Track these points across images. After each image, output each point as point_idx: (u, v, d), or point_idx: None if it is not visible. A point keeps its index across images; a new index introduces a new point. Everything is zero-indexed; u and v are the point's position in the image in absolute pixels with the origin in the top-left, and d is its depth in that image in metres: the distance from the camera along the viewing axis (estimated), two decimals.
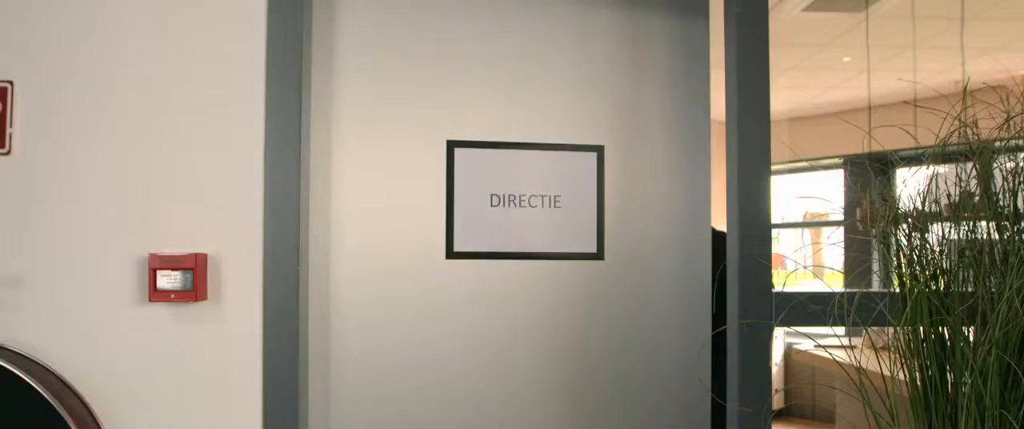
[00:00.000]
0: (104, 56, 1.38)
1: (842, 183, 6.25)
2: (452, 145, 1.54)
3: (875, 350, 1.08)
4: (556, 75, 1.60)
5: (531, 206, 1.57)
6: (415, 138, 1.54)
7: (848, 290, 1.07)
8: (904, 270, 1.07)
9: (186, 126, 1.39)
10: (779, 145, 1.46)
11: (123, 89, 1.38)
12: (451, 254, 1.53)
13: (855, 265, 1.32)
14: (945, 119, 1.09)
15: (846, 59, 4.82)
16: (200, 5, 1.40)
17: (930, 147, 1.10)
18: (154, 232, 1.36)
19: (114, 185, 1.37)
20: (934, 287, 0.98)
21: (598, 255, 1.58)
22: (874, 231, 1.13)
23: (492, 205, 1.55)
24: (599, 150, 1.60)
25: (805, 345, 4.02)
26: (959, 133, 1.10)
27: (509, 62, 1.58)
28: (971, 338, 1.01)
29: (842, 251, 1.45)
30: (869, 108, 3.79)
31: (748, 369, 1.41)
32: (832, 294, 1.15)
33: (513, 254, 1.55)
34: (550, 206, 1.58)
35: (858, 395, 1.08)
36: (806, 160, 6.15)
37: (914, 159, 1.11)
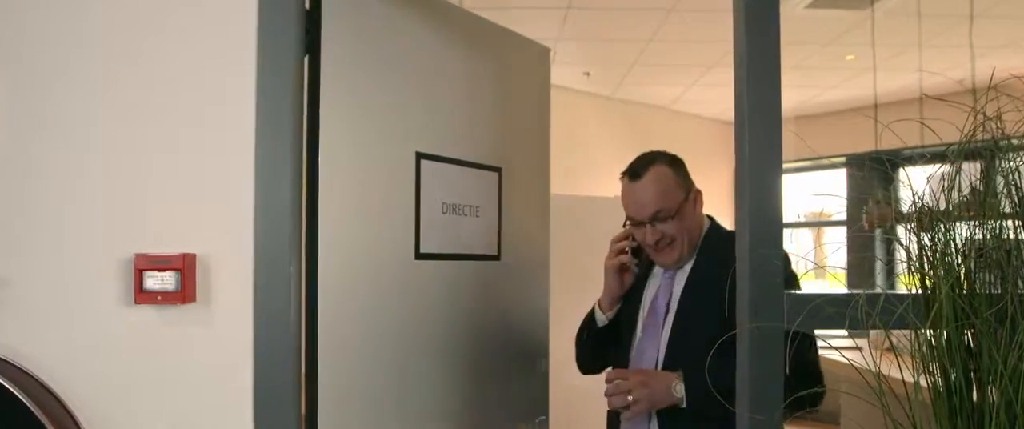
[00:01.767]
0: (92, 53, 1.32)
1: (845, 183, 6.21)
2: (420, 156, 1.71)
3: (897, 355, 1.03)
4: (476, 105, 1.90)
5: (463, 214, 1.82)
6: (392, 147, 1.67)
7: (870, 292, 1.02)
8: (927, 270, 1.02)
9: (175, 122, 1.33)
10: (787, 143, 1.42)
11: (111, 87, 1.32)
12: (418, 255, 1.70)
13: (868, 264, 1.27)
14: (970, 113, 1.04)
15: (849, 57, 4.78)
16: (194, 4, 1.35)
17: (954, 143, 1.05)
18: (140, 231, 1.31)
19: (99, 183, 1.31)
20: (962, 289, 0.94)
21: (496, 256, 1.92)
22: (892, 228, 1.08)
23: (443, 212, 1.76)
24: (499, 170, 1.93)
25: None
26: (983, 127, 1.05)
27: (453, 92, 1.83)
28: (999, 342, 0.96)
29: (849, 251, 1.40)
30: (875, 106, 3.75)
31: (760, 374, 1.36)
32: (850, 296, 1.10)
33: (456, 255, 1.81)
34: (473, 215, 1.85)
35: (873, 401, 1.03)
36: (809, 159, 6.12)
37: (937, 156, 1.06)
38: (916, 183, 1.10)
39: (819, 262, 1.13)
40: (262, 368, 1.31)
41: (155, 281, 1.26)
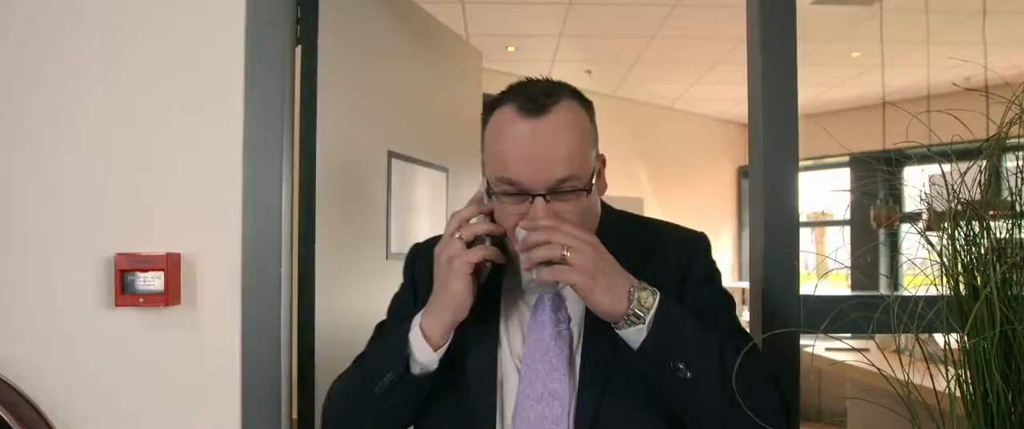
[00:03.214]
0: (73, 49, 1.26)
1: (849, 182, 6.15)
2: (391, 155, 1.72)
3: (928, 362, 0.96)
4: (428, 104, 1.93)
5: (420, 213, 1.85)
6: (371, 144, 1.66)
7: (903, 294, 0.95)
8: (960, 271, 0.95)
9: (158, 115, 1.26)
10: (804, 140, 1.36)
11: (94, 83, 1.25)
12: (388, 255, 1.70)
13: (894, 265, 1.21)
14: (1007, 105, 0.97)
15: (854, 54, 4.71)
16: (178, 3, 1.28)
17: (984, 140, 0.99)
18: (122, 229, 1.23)
19: (78, 179, 1.24)
20: (1009, 292, 0.87)
21: None
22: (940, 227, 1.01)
23: (405, 212, 1.78)
24: (446, 170, 1.99)
25: (815, 348, 3.90)
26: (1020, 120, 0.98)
27: (413, 90, 1.85)
28: None
29: (860, 251, 1.34)
30: (883, 104, 3.68)
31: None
32: (877, 298, 1.03)
33: None
34: (428, 213, 1.89)
35: (896, 409, 0.97)
36: (811, 158, 6.06)
37: (971, 152, 1.00)
38: (938, 181, 1.03)
39: (840, 262, 1.06)
40: (251, 374, 1.24)
41: (137, 282, 1.19)
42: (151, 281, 1.20)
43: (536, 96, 0.97)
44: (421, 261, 1.10)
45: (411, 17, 1.87)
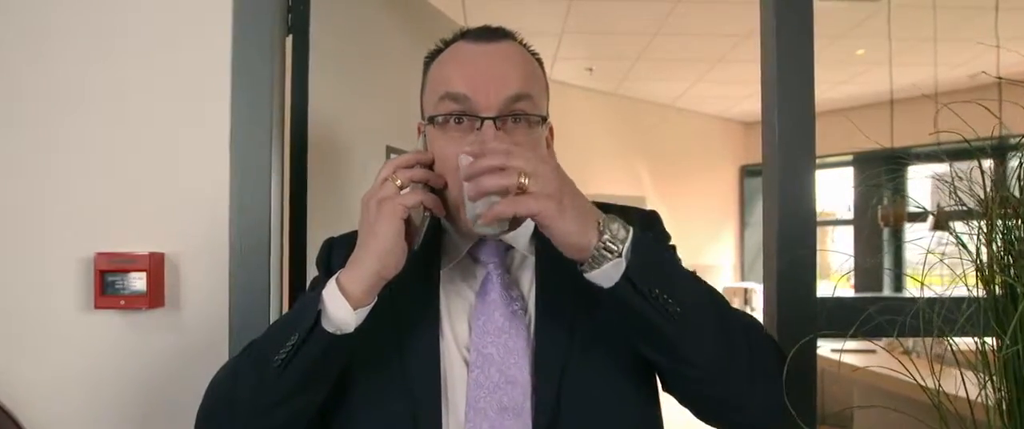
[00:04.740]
0: (56, 43, 1.20)
1: (853, 181, 6.10)
2: (389, 151, 1.68)
3: (960, 369, 0.90)
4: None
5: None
6: (367, 139, 1.62)
7: (939, 295, 0.89)
8: (997, 271, 0.89)
9: (140, 104, 1.20)
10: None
11: (76, 75, 1.19)
12: None
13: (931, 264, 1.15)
14: None
15: (859, 52, 4.66)
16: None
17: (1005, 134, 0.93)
18: (102, 228, 1.17)
19: (58, 175, 1.18)
20: None
21: None
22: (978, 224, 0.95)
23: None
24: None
25: (821, 350, 3.84)
26: None
27: (406, 79, 1.78)
28: None
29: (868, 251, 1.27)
30: (891, 102, 3.62)
31: (790, 386, 1.23)
32: (906, 301, 0.97)
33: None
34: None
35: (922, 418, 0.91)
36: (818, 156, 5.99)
37: (1002, 149, 0.94)
38: (969, 176, 0.97)
39: (859, 263, 1.01)
40: None
41: (118, 283, 1.13)
42: (133, 282, 1.13)
43: (481, 31, 0.91)
44: (340, 251, 0.93)
45: (409, 9, 1.83)
